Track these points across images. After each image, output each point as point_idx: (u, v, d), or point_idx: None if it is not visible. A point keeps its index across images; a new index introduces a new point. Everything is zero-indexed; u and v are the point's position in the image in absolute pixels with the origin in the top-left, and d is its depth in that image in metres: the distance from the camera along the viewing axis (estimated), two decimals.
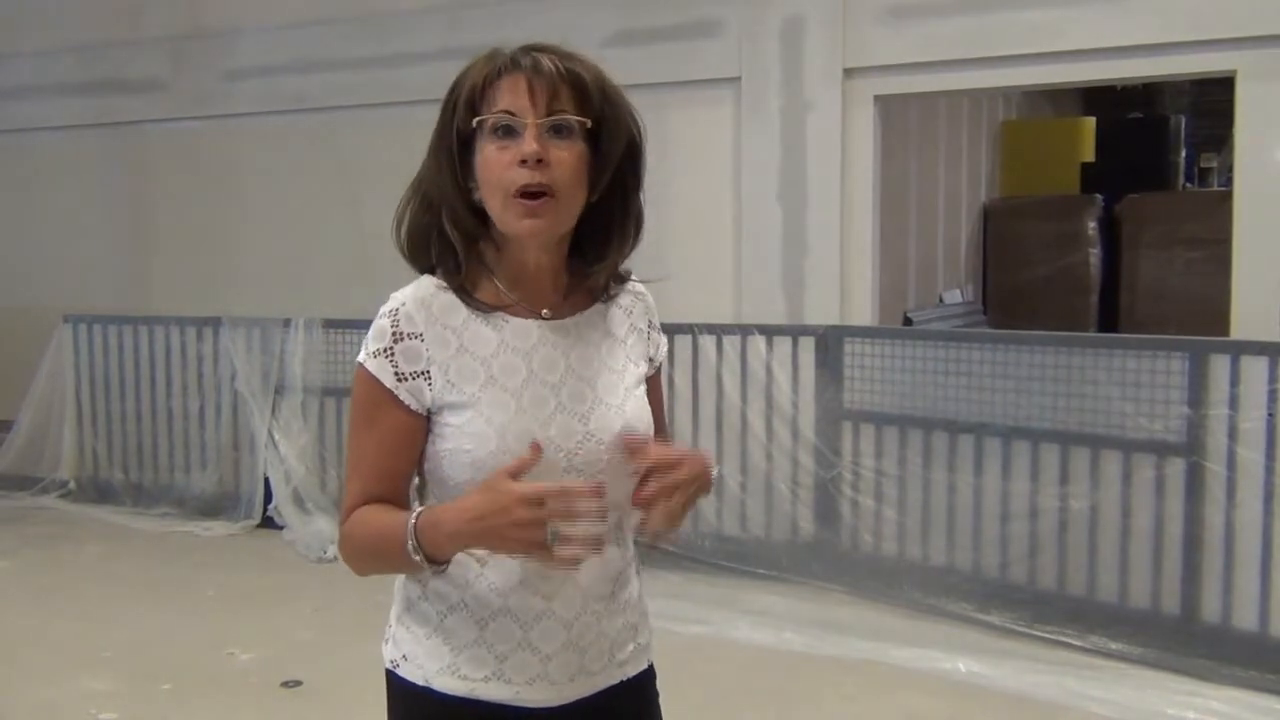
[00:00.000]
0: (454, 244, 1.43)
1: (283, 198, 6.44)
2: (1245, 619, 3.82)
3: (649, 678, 1.59)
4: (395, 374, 1.40)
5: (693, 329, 5.03)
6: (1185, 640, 3.89)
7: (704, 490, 1.39)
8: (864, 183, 5.13)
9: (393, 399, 1.40)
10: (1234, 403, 3.81)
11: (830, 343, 4.81)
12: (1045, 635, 4.11)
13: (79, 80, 6.94)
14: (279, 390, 5.87)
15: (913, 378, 4.60)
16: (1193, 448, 3.89)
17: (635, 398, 1.51)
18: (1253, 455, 3.78)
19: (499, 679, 1.44)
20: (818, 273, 5.16)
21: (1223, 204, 4.90)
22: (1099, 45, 4.62)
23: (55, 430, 6.55)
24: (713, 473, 1.40)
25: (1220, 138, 11.35)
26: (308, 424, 5.82)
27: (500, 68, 1.39)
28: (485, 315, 1.43)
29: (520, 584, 1.42)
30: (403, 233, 1.47)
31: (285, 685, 3.89)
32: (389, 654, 1.50)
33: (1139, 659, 3.91)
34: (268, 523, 5.79)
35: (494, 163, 1.38)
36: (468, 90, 1.40)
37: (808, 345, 4.87)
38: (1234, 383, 3.82)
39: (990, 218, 9.10)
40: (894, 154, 6.03)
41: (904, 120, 6.51)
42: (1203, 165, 14.49)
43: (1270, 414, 3.74)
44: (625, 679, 1.53)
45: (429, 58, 5.51)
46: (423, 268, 1.47)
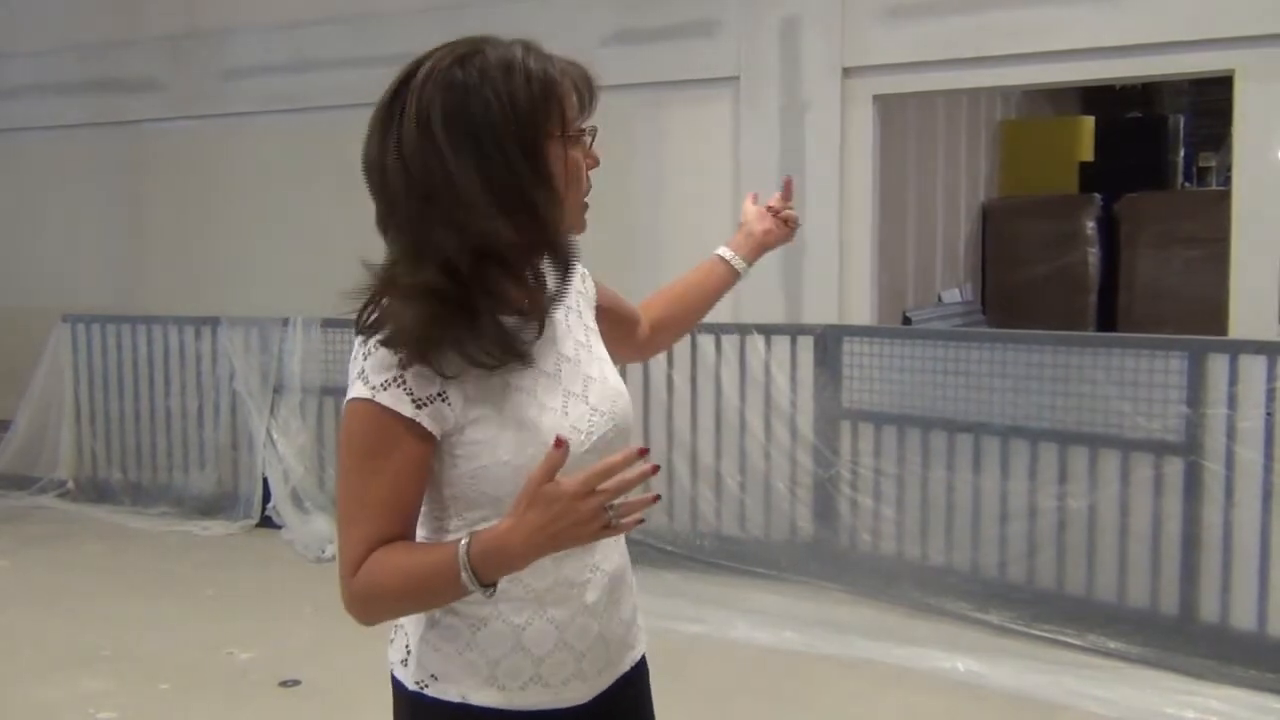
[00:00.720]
0: (525, 268, 1.39)
1: (281, 197, 6.43)
2: (1243, 618, 3.83)
3: (645, 662, 1.61)
4: (413, 401, 1.32)
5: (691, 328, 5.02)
6: (1184, 639, 3.89)
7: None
8: (863, 182, 5.13)
9: (411, 429, 1.33)
10: (1232, 402, 3.81)
11: (829, 342, 4.81)
12: (1044, 634, 4.11)
13: (76, 79, 6.93)
14: (277, 390, 5.88)
15: (911, 377, 4.60)
16: (1191, 447, 3.89)
17: (607, 363, 1.54)
18: (1251, 454, 3.78)
19: (538, 683, 1.42)
20: (816, 272, 5.16)
21: (1221, 203, 4.90)
22: (1097, 44, 4.61)
23: (53, 430, 6.56)
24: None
25: (1219, 137, 11.34)
26: (306, 423, 5.82)
27: (554, 75, 1.38)
28: None
29: (555, 584, 1.41)
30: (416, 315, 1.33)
31: (284, 685, 3.89)
32: (410, 676, 1.44)
33: (1137, 658, 3.91)
34: (266, 522, 5.79)
35: (581, 167, 1.42)
36: (558, 100, 1.37)
37: (806, 345, 4.87)
38: (1232, 382, 3.82)
39: (989, 217, 9.10)
40: (893, 153, 6.02)
41: (902, 119, 6.51)
42: (1201, 165, 14.48)
43: (1269, 413, 3.74)
44: (633, 664, 1.56)
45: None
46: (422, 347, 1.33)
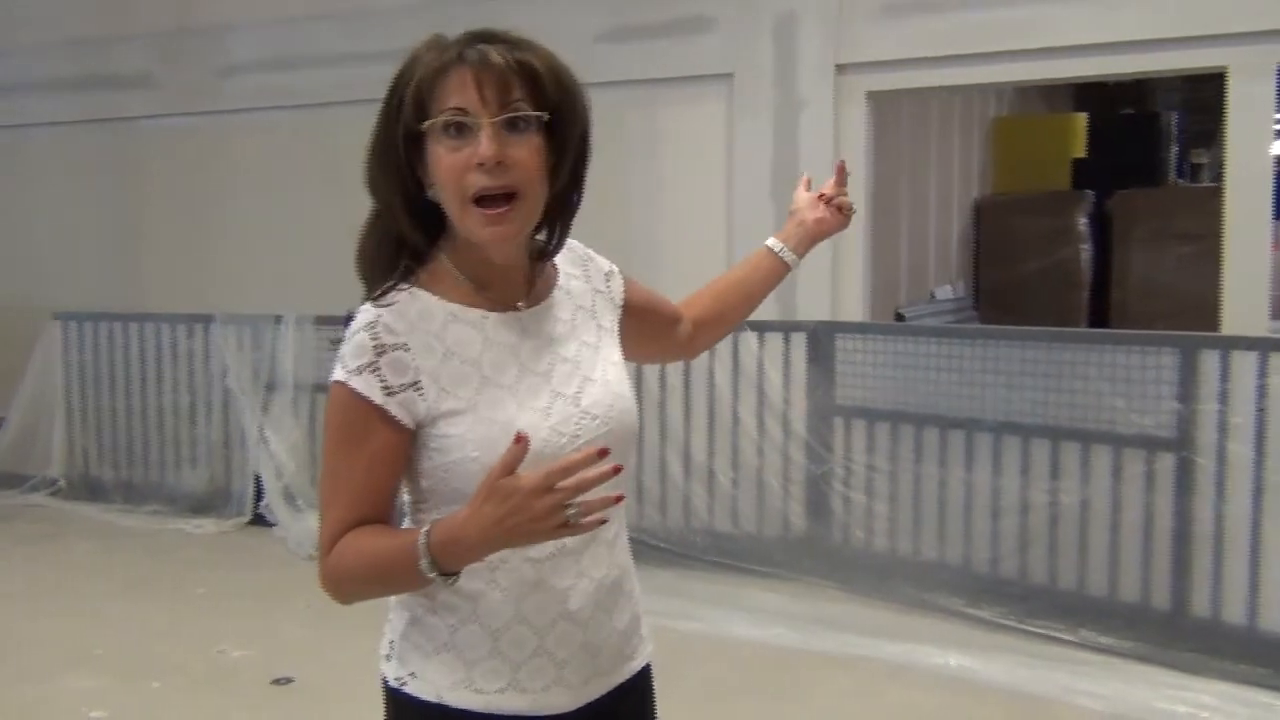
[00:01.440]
0: (401, 249, 1.38)
1: (275, 194, 6.41)
2: (1235, 613, 3.84)
3: (649, 671, 1.58)
4: (384, 388, 1.33)
5: None
6: (1175, 634, 3.90)
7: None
8: (856, 179, 5.09)
9: (382, 415, 1.33)
10: (1224, 398, 3.82)
11: (822, 338, 4.82)
12: (1036, 630, 4.12)
13: (69, 76, 6.91)
14: (270, 387, 5.86)
15: (904, 373, 4.61)
16: (1183, 443, 3.90)
17: (615, 366, 1.50)
18: (1243, 450, 3.79)
19: (515, 689, 1.40)
20: (809, 269, 5.07)
21: (1213, 199, 4.91)
22: (1090, 41, 4.62)
23: (45, 428, 6.54)
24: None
25: (1211, 133, 11.37)
26: (299, 420, 5.81)
27: (447, 62, 1.32)
28: (465, 316, 1.39)
29: (534, 588, 1.39)
30: (366, 243, 1.40)
31: (276, 682, 3.88)
32: (393, 671, 1.44)
33: (1129, 653, 3.92)
34: (258, 520, 5.78)
35: (448, 166, 1.32)
36: (413, 86, 1.33)
37: (799, 341, 4.88)
38: (1224, 378, 3.83)
39: (982, 213, 9.11)
40: (886, 150, 6.02)
41: (896, 116, 6.51)
42: (1194, 161, 14.51)
43: (1259, 409, 3.75)
44: (632, 674, 1.52)
45: None
46: (371, 282, 1.39)
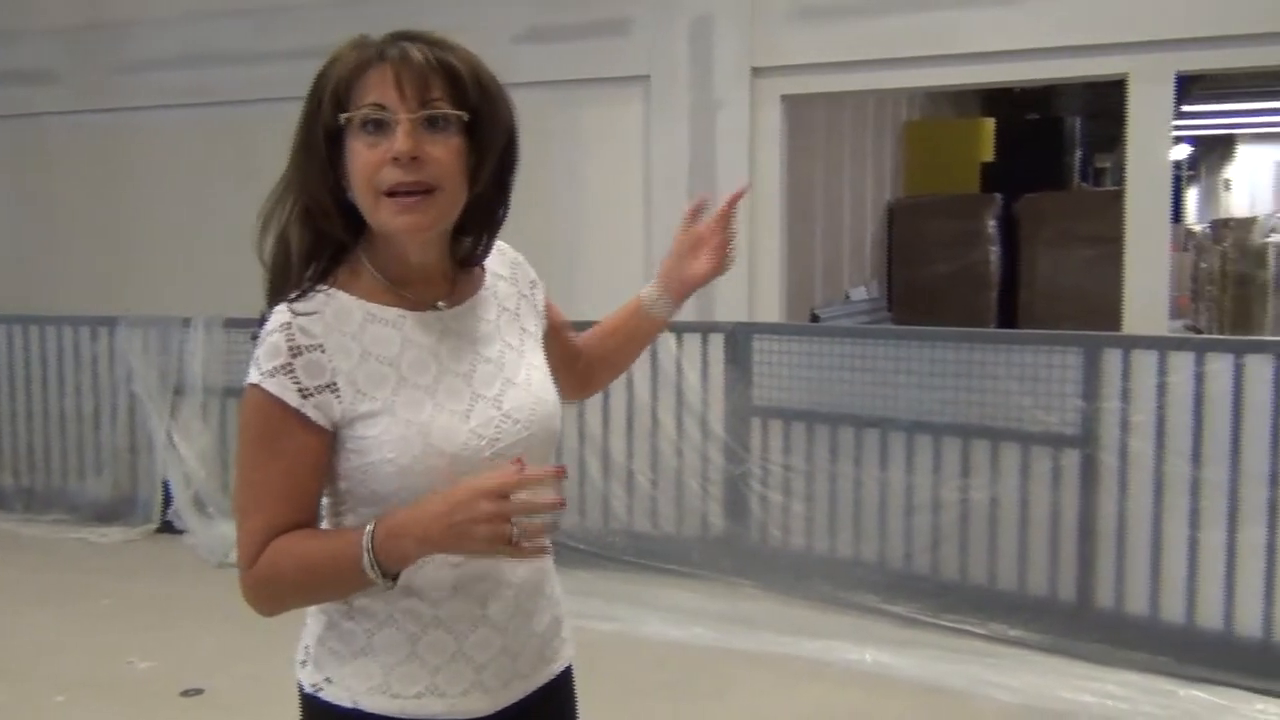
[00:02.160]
0: (321, 248, 1.36)
1: (184, 193, 6.27)
2: (1137, 604, 3.96)
3: (570, 673, 1.58)
4: (299, 390, 1.30)
5: None
6: (1081, 626, 4.01)
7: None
8: (772, 181, 5.19)
9: (298, 418, 1.31)
10: (1126, 396, 3.94)
11: (739, 339, 4.86)
12: (949, 624, 4.20)
13: None
14: (178, 391, 5.72)
15: (820, 374, 4.66)
16: (1087, 440, 4.01)
17: (538, 369, 1.49)
18: (1144, 446, 3.91)
19: (433, 693, 1.39)
20: (728, 272, 5.19)
21: (1116, 203, 5.06)
22: (998, 48, 4.74)
23: None
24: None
25: (1113, 138, 11.72)
26: (209, 425, 5.68)
27: (367, 59, 1.32)
28: (382, 315, 1.37)
29: (453, 592, 1.38)
30: (270, 239, 1.37)
31: (186, 694, 3.79)
32: (308, 677, 1.42)
33: (1038, 645, 4.02)
34: (167, 527, 5.63)
35: (365, 161, 1.31)
36: (334, 84, 1.32)
37: (717, 342, 4.91)
38: (1126, 377, 3.94)
39: (894, 216, 9.28)
40: (801, 153, 6.10)
41: (811, 119, 6.60)
42: (1097, 165, 14.97)
43: (1159, 406, 3.87)
44: (553, 676, 1.52)
45: None
46: (281, 281, 1.36)
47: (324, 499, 1.41)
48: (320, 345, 1.32)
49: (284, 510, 1.32)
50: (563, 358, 1.64)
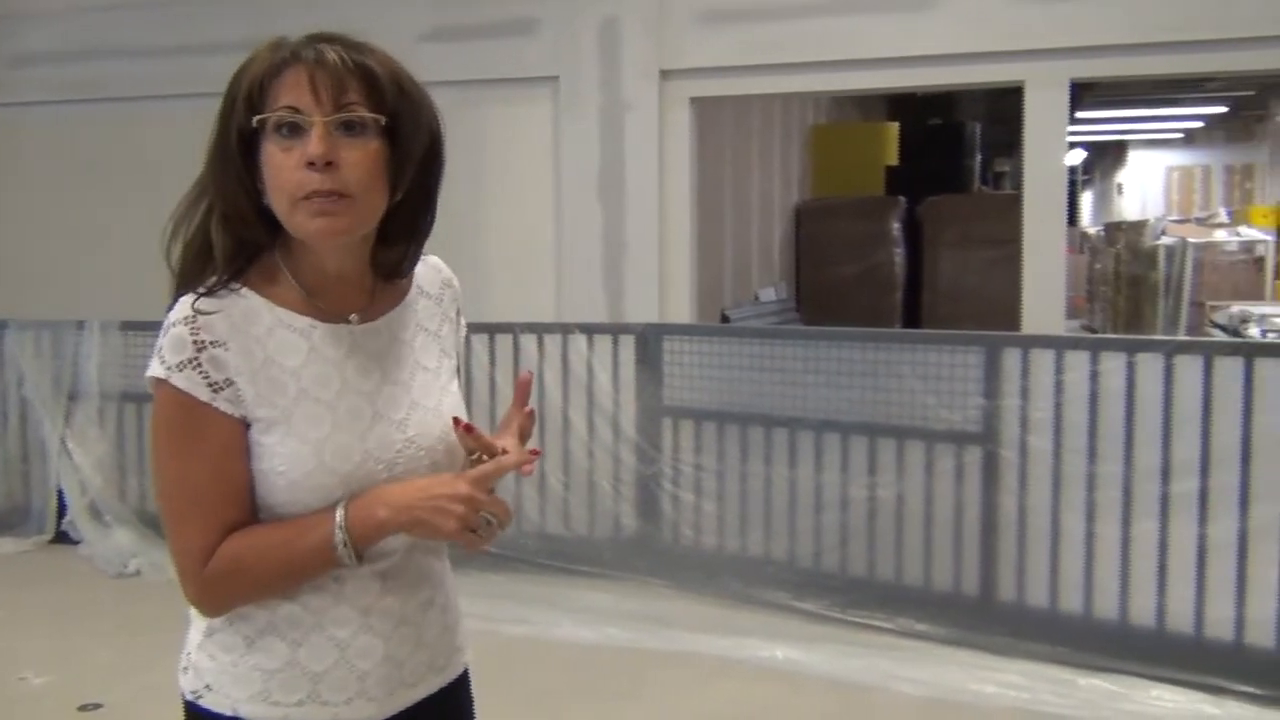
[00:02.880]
0: (240, 252, 1.33)
1: (76, 192, 6.07)
2: (1037, 596, 4.07)
3: (465, 680, 1.56)
4: (209, 384, 1.28)
5: (514, 328, 5.00)
6: (984, 618, 4.11)
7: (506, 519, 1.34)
8: (681, 182, 5.22)
9: (211, 412, 1.28)
10: (1025, 394, 4.05)
11: (650, 340, 4.87)
12: (857, 620, 4.27)
13: None
14: (72, 396, 5.54)
15: (730, 374, 4.70)
16: (988, 437, 4.11)
17: (451, 394, 1.47)
18: (1042, 443, 4.02)
19: (315, 701, 1.36)
20: (637, 271, 5.22)
21: (1014, 206, 5.20)
22: (901, 54, 4.84)
23: None
24: (530, 468, 1.38)
25: (1011, 143, 12.05)
26: (105, 432, 5.51)
27: (282, 61, 1.29)
28: (292, 322, 1.34)
29: (335, 600, 1.36)
30: (180, 242, 1.34)
31: (83, 709, 3.67)
32: (189, 684, 1.39)
33: (943, 638, 4.10)
34: (62, 537, 5.45)
35: (279, 165, 1.27)
36: (247, 85, 1.29)
37: (628, 343, 4.92)
38: (1024, 375, 4.05)
39: (802, 218, 9.40)
40: (710, 155, 6.15)
41: (719, 121, 6.65)
42: (996, 169, 15.36)
43: (1057, 404, 3.98)
44: (444, 685, 1.50)
45: (234, 47, 5.21)
46: (191, 282, 1.33)
47: None
48: (224, 343, 1.29)
49: (225, 508, 1.31)
50: None
